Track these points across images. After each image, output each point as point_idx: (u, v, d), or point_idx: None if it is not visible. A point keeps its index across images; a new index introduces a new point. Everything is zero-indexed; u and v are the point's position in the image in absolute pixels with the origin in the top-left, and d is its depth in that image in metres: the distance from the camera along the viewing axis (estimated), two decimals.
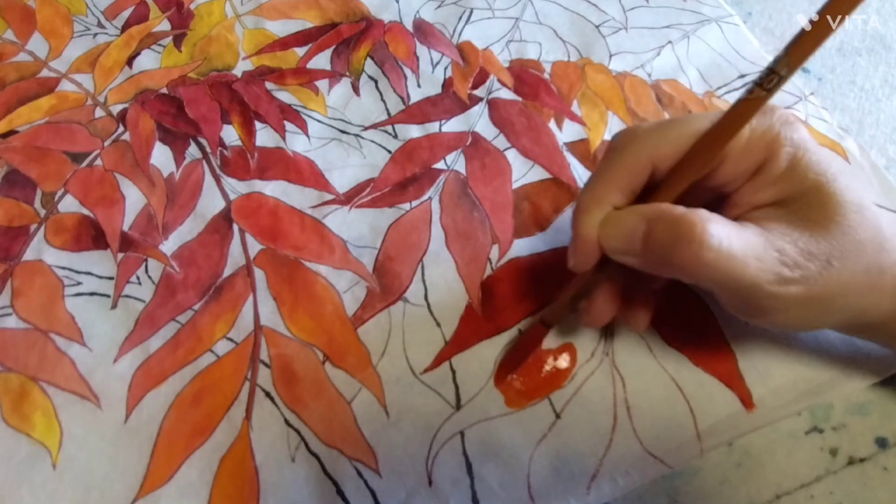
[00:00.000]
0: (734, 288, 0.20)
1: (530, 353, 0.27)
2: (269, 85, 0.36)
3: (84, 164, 0.33)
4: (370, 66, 0.37)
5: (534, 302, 0.28)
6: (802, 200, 0.21)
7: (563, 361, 0.27)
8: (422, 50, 0.38)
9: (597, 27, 0.39)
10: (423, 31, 0.39)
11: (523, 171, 0.33)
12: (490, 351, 0.27)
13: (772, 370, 0.26)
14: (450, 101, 0.36)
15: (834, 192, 0.20)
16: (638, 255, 0.21)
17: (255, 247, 0.30)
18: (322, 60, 0.37)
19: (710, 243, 0.19)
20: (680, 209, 0.20)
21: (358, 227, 0.31)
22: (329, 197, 0.32)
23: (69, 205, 0.31)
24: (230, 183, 0.32)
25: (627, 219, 0.21)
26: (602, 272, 0.23)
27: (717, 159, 0.21)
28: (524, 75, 0.37)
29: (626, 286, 0.24)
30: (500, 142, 0.34)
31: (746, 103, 0.19)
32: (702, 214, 0.20)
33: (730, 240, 0.19)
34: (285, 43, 0.38)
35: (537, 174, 0.33)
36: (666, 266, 0.21)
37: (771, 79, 0.18)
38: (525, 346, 0.26)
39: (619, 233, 0.21)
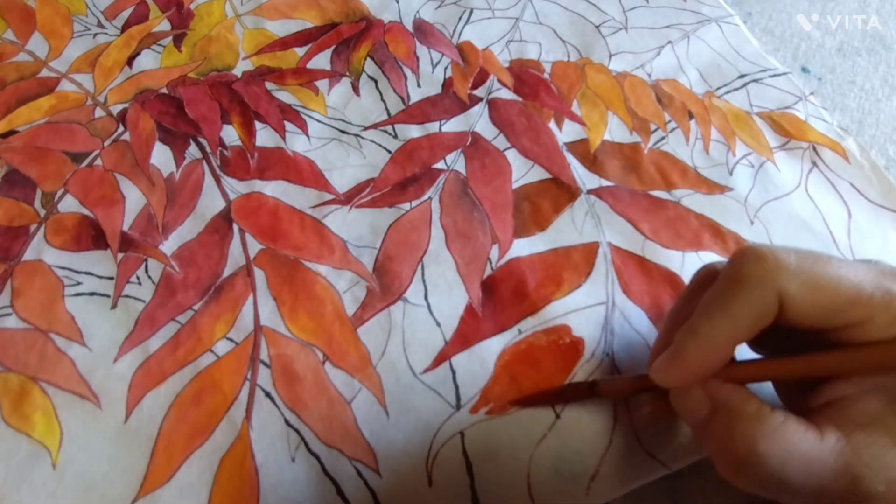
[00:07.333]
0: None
1: (559, 400, 0.26)
2: (269, 85, 0.36)
3: (84, 164, 0.33)
4: (370, 66, 0.37)
5: (534, 302, 0.28)
6: None
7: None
8: (422, 50, 0.38)
9: (597, 27, 0.40)
10: (423, 31, 0.39)
11: (523, 171, 0.33)
12: (490, 351, 0.27)
13: None
14: (450, 101, 0.36)
15: None
16: (700, 435, 0.20)
17: (255, 247, 0.30)
18: (322, 60, 0.37)
19: (766, 460, 0.17)
20: (741, 401, 0.18)
21: (358, 227, 0.31)
22: (329, 197, 0.32)
23: (69, 205, 0.31)
24: (230, 183, 0.32)
25: (695, 395, 0.20)
26: None
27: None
28: (524, 75, 0.37)
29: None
30: (500, 142, 0.34)
31: None
32: (764, 415, 0.18)
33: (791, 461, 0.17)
34: (285, 43, 0.38)
35: (537, 174, 0.33)
36: (719, 460, 0.19)
37: None
38: (558, 395, 0.26)
39: (684, 406, 0.20)
